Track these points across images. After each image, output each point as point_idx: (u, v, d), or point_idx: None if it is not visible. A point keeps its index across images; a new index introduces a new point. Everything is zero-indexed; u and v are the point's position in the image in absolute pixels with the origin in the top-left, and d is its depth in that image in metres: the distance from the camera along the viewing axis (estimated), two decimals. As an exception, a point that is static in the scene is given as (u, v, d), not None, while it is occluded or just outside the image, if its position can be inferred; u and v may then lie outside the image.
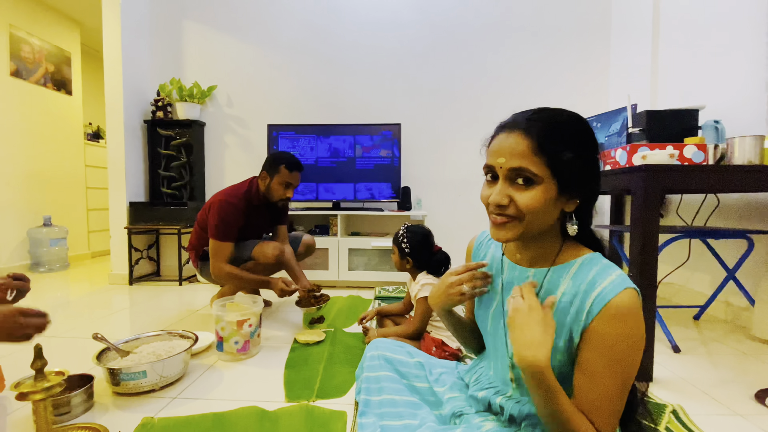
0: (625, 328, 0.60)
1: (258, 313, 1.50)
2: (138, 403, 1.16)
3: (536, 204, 0.62)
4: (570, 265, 0.68)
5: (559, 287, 0.68)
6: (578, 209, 0.68)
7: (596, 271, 0.64)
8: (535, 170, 0.61)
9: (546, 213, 0.64)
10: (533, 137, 0.62)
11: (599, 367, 0.61)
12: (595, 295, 0.62)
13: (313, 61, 2.98)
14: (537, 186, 0.62)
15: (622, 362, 0.61)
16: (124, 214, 2.75)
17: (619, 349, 0.60)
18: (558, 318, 0.66)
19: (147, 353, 1.28)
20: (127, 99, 2.76)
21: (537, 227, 0.65)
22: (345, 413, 1.09)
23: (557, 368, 0.68)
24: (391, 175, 2.75)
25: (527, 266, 0.74)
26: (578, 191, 0.65)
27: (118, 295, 2.49)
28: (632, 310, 0.60)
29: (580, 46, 2.90)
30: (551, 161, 0.61)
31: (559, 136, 0.63)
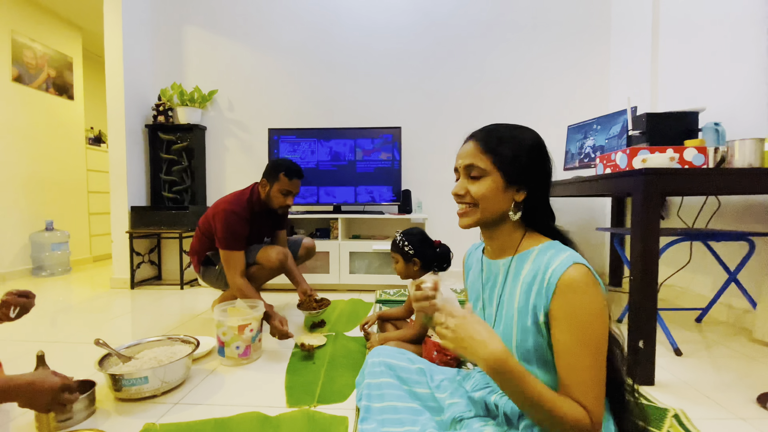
0: (580, 298, 0.66)
1: (259, 317, 1.50)
2: (140, 409, 1.16)
3: (484, 191, 0.76)
4: (530, 252, 0.77)
5: (521, 272, 0.76)
6: (530, 201, 0.78)
7: (551, 254, 0.73)
8: (482, 165, 0.77)
9: (496, 199, 0.77)
10: (479, 141, 0.79)
11: (568, 342, 0.66)
12: (549, 273, 0.69)
13: (313, 65, 2.99)
14: (485, 178, 0.77)
15: (587, 331, 0.66)
16: (125, 219, 2.76)
17: (581, 318, 0.66)
18: (523, 299, 0.74)
19: (148, 359, 1.28)
20: (129, 104, 2.77)
21: (491, 212, 0.77)
22: (346, 419, 1.09)
23: (534, 352, 0.72)
24: (392, 178, 2.75)
25: (496, 258, 0.83)
26: (523, 183, 0.77)
27: (119, 299, 2.49)
28: (582, 280, 0.67)
29: (579, 49, 2.90)
30: (494, 158, 0.77)
31: (498, 139, 0.78)
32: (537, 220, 0.80)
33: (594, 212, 2.93)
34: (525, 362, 0.73)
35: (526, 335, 0.72)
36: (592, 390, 0.65)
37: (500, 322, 0.78)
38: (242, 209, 1.80)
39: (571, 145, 2.62)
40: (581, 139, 2.51)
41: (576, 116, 2.82)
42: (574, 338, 0.66)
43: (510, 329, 0.75)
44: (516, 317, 0.75)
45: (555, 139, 2.81)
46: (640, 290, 1.26)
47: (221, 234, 1.74)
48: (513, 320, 0.75)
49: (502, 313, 0.78)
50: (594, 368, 0.66)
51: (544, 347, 0.72)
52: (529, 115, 2.92)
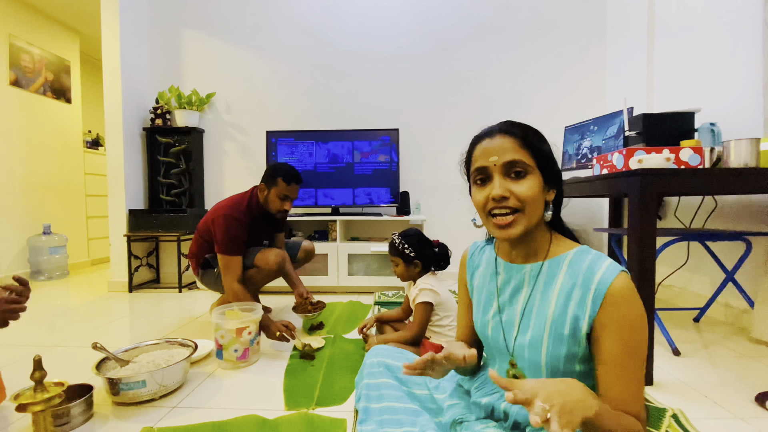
0: (631, 309, 0.64)
1: (257, 320, 1.50)
2: (137, 413, 1.16)
3: (533, 191, 0.69)
4: (563, 258, 0.72)
5: (556, 279, 0.71)
6: (556, 201, 0.75)
7: (590, 260, 0.69)
8: (527, 161, 0.70)
9: (540, 202, 0.71)
10: (517, 135, 0.71)
11: (620, 354, 0.64)
12: (596, 282, 0.65)
13: (310, 68, 3.00)
14: (529, 176, 0.70)
15: (636, 342, 0.64)
16: (123, 222, 2.76)
17: (633, 330, 0.64)
18: (560, 308, 0.69)
19: (146, 362, 1.28)
20: (126, 107, 2.77)
21: (537, 215, 0.71)
22: (345, 421, 1.09)
23: (564, 360, 0.69)
24: (390, 180, 2.75)
25: (522, 263, 0.77)
26: (555, 181, 0.73)
27: (117, 302, 2.49)
28: (632, 290, 0.64)
29: (575, 50, 2.92)
30: (535, 153, 0.70)
31: (535, 134, 0.73)
32: (558, 222, 0.78)
33: (592, 213, 2.94)
34: (550, 367, 0.71)
35: (560, 344, 0.69)
36: (640, 400, 0.65)
37: (527, 329, 0.73)
38: (242, 214, 1.80)
39: (568, 146, 2.63)
40: (578, 140, 2.52)
41: (572, 117, 2.83)
42: (625, 349, 0.64)
43: (540, 337, 0.71)
44: (549, 325, 0.70)
45: (551, 140, 2.82)
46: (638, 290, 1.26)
47: (220, 239, 1.74)
48: (545, 328, 0.71)
49: (530, 319, 0.73)
50: (641, 379, 0.65)
51: (578, 357, 0.69)
52: (525, 115, 2.92)
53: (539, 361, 0.71)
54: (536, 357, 0.71)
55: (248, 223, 1.82)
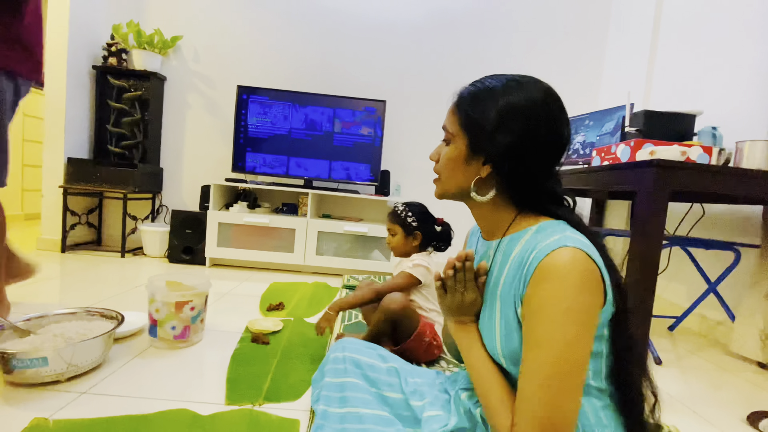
0: (549, 290, 0.51)
1: (204, 294, 1.27)
2: (34, 398, 0.91)
3: (445, 159, 0.65)
4: (524, 233, 0.61)
5: (509, 257, 0.61)
6: (507, 178, 0.61)
7: (546, 233, 0.56)
8: (450, 127, 0.65)
9: (457, 171, 0.64)
10: (456, 98, 0.65)
11: (526, 343, 0.53)
12: (533, 255, 0.54)
13: (296, 23, 2.70)
14: (451, 144, 0.64)
15: (546, 334, 0.50)
16: (60, 171, 2.39)
17: (541, 317, 0.51)
18: (507, 287, 0.59)
19: (53, 335, 1.03)
20: (74, 38, 2.37)
21: (453, 186, 0.65)
22: (297, 422, 0.90)
23: (521, 353, 0.55)
24: (371, 156, 2.54)
25: (490, 239, 0.69)
26: (487, 154, 0.60)
27: (45, 263, 2.15)
28: (564, 267, 0.51)
29: (574, 42, 2.80)
30: (462, 118, 0.63)
31: (473, 95, 0.63)
32: (532, 202, 0.62)
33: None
34: (515, 366, 0.57)
35: (511, 330, 0.58)
36: (529, 406, 0.50)
37: (484, 313, 0.65)
38: None
39: (559, 140, 2.51)
40: (571, 135, 2.41)
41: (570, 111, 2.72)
42: (532, 337, 0.52)
43: (493, 322, 0.61)
44: (499, 307, 0.60)
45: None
46: (636, 293, 1.15)
47: None
48: (496, 311, 0.61)
49: (486, 302, 0.65)
50: (548, 384, 0.49)
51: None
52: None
53: (496, 351, 0.60)
54: (492, 345, 0.61)
55: None
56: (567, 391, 0.50)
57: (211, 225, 2.36)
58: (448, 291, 0.66)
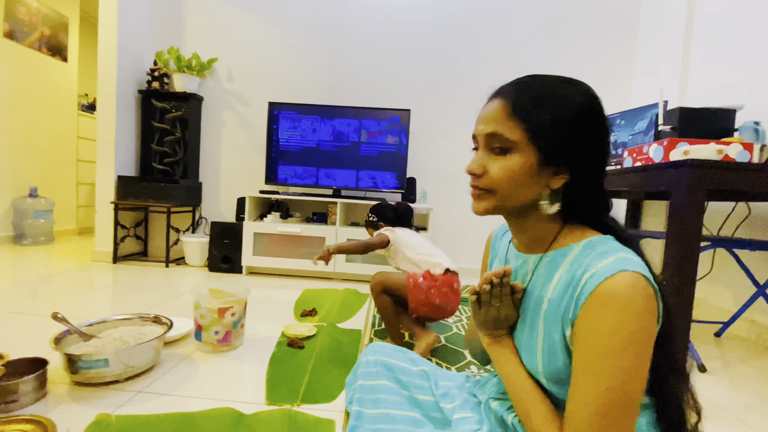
0: (609, 317, 0.48)
1: (243, 301, 1.35)
2: (97, 396, 1.01)
3: (507, 173, 0.56)
4: (569, 249, 0.58)
5: (555, 274, 0.58)
6: (574, 188, 0.57)
7: (596, 254, 0.53)
8: (508, 135, 0.56)
9: (522, 186, 0.56)
10: (509, 99, 0.57)
11: (581, 368, 0.51)
12: (586, 278, 0.51)
13: (321, 40, 2.81)
14: (512, 154, 0.56)
15: (606, 362, 0.48)
16: (111, 188, 2.59)
17: (599, 345, 0.49)
18: (552, 309, 0.57)
19: (113, 339, 1.13)
20: (122, 66, 2.59)
21: (514, 201, 0.58)
22: (333, 422, 0.95)
23: (566, 374, 0.55)
24: (397, 164, 2.59)
25: (527, 252, 0.65)
26: (565, 164, 0.56)
27: (99, 273, 2.34)
28: (621, 295, 0.48)
29: (604, 39, 2.73)
30: (528, 125, 0.55)
31: (536, 99, 0.56)
32: (581, 211, 0.60)
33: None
34: (555, 384, 0.57)
35: (555, 351, 0.56)
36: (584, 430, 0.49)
37: (523, 330, 0.63)
38: None
39: (589, 141, 2.46)
40: (602, 135, 2.35)
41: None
42: (589, 364, 0.50)
43: (534, 341, 0.60)
44: (542, 326, 0.58)
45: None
46: (674, 297, 1.12)
47: None
48: (538, 329, 0.59)
49: (526, 319, 0.62)
50: (602, 413, 0.48)
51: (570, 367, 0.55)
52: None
53: (537, 369, 0.59)
54: (532, 363, 0.60)
55: None
56: (623, 419, 0.49)
57: (246, 235, 2.48)
58: (482, 305, 0.64)
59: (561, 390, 0.57)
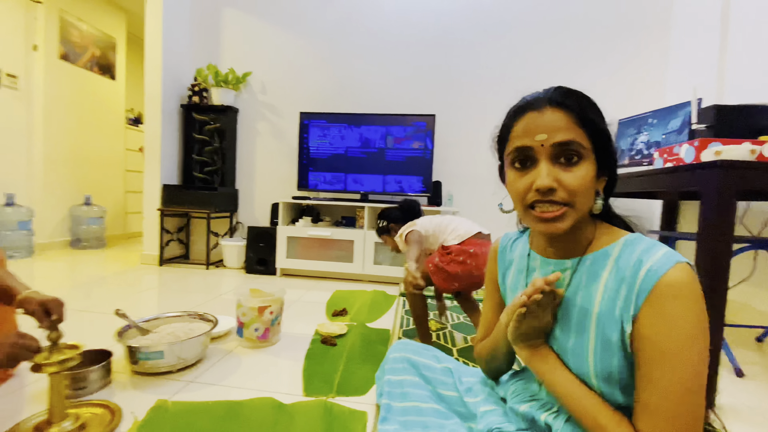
0: (679, 307, 0.51)
1: (280, 300, 1.45)
2: (154, 384, 1.13)
3: (586, 182, 0.56)
4: (610, 249, 0.60)
5: (600, 275, 0.60)
6: (608, 188, 0.64)
7: (641, 251, 0.56)
8: (583, 143, 0.57)
9: (592, 193, 0.59)
10: (574, 109, 0.57)
11: (652, 359, 0.52)
12: (644, 273, 0.53)
13: (348, 50, 2.91)
14: (583, 162, 0.57)
15: (681, 352, 0.50)
16: (157, 196, 2.80)
17: (676, 337, 0.51)
18: (606, 309, 0.58)
19: (166, 333, 1.25)
20: (165, 83, 2.80)
21: (586, 210, 0.59)
22: (366, 414, 1.01)
23: (619, 374, 0.57)
24: (423, 169, 2.64)
25: (562, 258, 0.65)
26: (608, 167, 0.61)
27: (147, 275, 2.53)
28: (689, 285, 0.51)
29: (635, 40, 2.67)
30: (593, 133, 0.58)
31: (593, 107, 0.60)
32: (609, 210, 0.66)
33: (638, 214, 2.70)
34: (606, 384, 0.59)
35: (610, 352, 0.57)
36: (667, 423, 0.50)
37: (568, 335, 0.63)
38: None
39: (621, 141, 2.41)
40: (634, 135, 2.31)
41: (627, 110, 2.60)
42: (666, 358, 0.51)
43: (584, 344, 0.60)
44: (594, 329, 0.59)
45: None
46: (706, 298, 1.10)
47: None
48: (590, 333, 0.60)
49: (571, 322, 0.63)
50: (686, 401, 0.50)
51: (627, 368, 0.57)
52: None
53: (587, 371, 0.60)
54: (582, 366, 0.61)
55: None
56: (700, 404, 0.51)
57: (280, 238, 2.61)
58: (527, 316, 0.63)
59: (610, 389, 0.59)
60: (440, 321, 1.79)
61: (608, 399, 0.60)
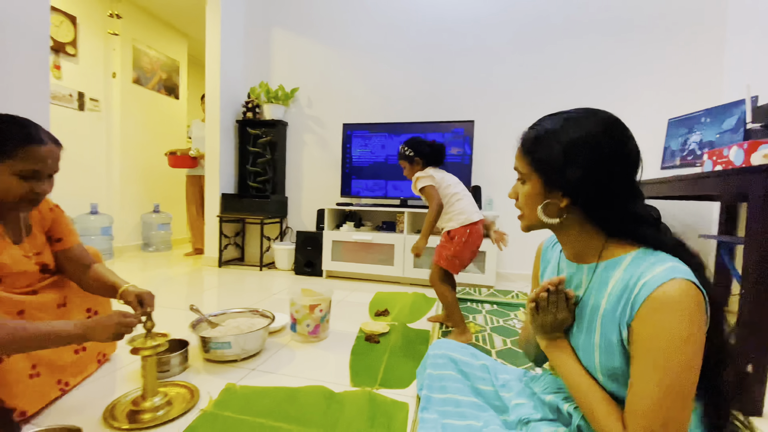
0: (664, 320, 0.56)
1: (328, 299, 1.59)
2: (223, 370, 1.30)
3: (524, 197, 0.73)
4: (622, 259, 0.66)
5: (609, 281, 0.66)
6: (584, 206, 0.67)
7: (647, 264, 0.62)
8: (521, 168, 0.73)
9: (535, 205, 0.71)
10: (521, 142, 0.74)
11: (638, 366, 0.59)
12: (640, 285, 0.59)
13: (388, 62, 3.04)
14: (528, 182, 0.72)
15: (663, 359, 0.56)
16: (217, 204, 3.09)
17: (658, 344, 0.57)
18: (609, 313, 0.65)
19: (232, 327, 1.43)
20: (224, 102, 3.09)
21: (535, 219, 0.72)
22: (407, 405, 1.11)
23: (622, 373, 0.63)
24: (461, 173, 2.69)
25: (581, 262, 0.74)
26: (562, 188, 0.67)
27: (209, 275, 2.80)
28: (675, 300, 0.56)
29: (685, 38, 2.55)
30: (531, 160, 0.71)
31: (536, 138, 0.71)
32: (612, 226, 0.67)
33: (698, 217, 2.57)
34: (612, 381, 0.65)
35: (611, 351, 0.64)
36: (644, 420, 0.57)
37: (581, 332, 0.71)
38: None
39: (671, 141, 2.32)
40: (685, 134, 2.22)
41: (679, 109, 2.49)
42: (648, 361, 0.57)
43: (591, 341, 0.68)
44: (599, 328, 0.66)
45: (652, 135, 2.52)
46: (753, 306, 1.08)
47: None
48: (596, 331, 0.67)
49: (583, 322, 0.70)
50: (661, 405, 0.56)
51: (627, 369, 0.63)
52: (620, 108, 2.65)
53: (594, 366, 0.68)
54: (590, 362, 0.68)
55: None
56: (679, 410, 0.56)
57: (326, 242, 2.78)
58: (540, 311, 0.74)
59: (617, 386, 0.65)
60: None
61: (615, 394, 0.66)
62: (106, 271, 1.21)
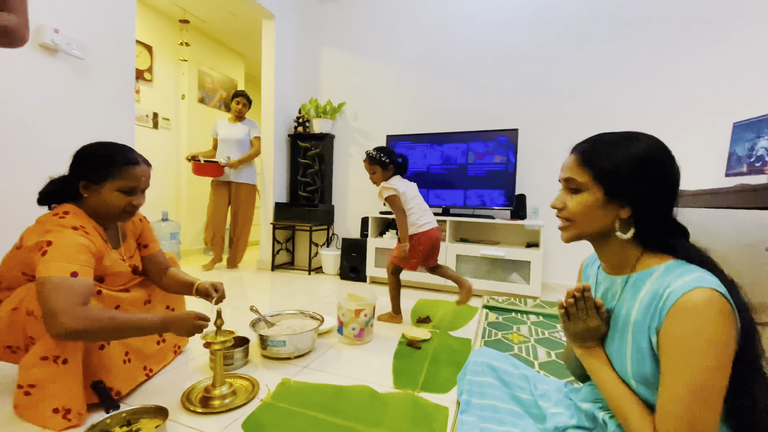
0: (690, 326, 0.59)
1: (372, 304, 1.68)
2: (278, 366, 1.43)
3: (580, 206, 0.73)
4: (653, 270, 0.69)
5: (641, 290, 0.69)
6: (640, 218, 0.70)
7: (676, 274, 0.65)
8: (580, 179, 0.74)
9: (594, 215, 0.73)
10: (579, 153, 0.75)
11: (667, 368, 0.62)
12: (667, 294, 0.63)
13: (431, 74, 3.12)
14: (583, 192, 0.73)
15: (689, 363, 0.59)
16: (270, 212, 3.32)
17: (685, 347, 0.59)
18: (640, 321, 0.68)
19: (286, 327, 1.56)
20: (278, 118, 3.33)
21: (589, 228, 0.74)
22: (447, 409, 1.16)
23: (653, 378, 0.66)
24: (505, 182, 2.69)
25: (614, 274, 0.78)
26: (626, 199, 0.70)
27: (263, 278, 3.02)
28: (699, 306, 0.59)
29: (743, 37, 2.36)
30: (594, 171, 0.72)
31: (599, 151, 0.73)
32: (654, 239, 0.71)
33: (765, 228, 2.36)
34: (644, 387, 0.68)
35: (643, 357, 0.67)
36: (673, 422, 0.59)
37: (614, 340, 0.74)
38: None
39: (737, 147, 2.16)
40: (752, 139, 2.06)
41: (746, 112, 2.31)
42: (674, 365, 0.60)
43: (623, 349, 0.71)
44: (631, 336, 0.69)
45: (714, 141, 2.36)
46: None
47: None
48: (627, 339, 0.70)
49: (616, 330, 0.74)
50: (689, 406, 0.58)
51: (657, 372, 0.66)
52: (680, 114, 2.51)
53: (626, 373, 0.70)
54: (623, 369, 0.71)
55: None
56: (706, 413, 0.58)
57: (369, 249, 2.89)
58: (570, 318, 0.78)
59: (649, 392, 0.68)
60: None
61: (648, 401, 0.68)
62: (180, 273, 1.39)
